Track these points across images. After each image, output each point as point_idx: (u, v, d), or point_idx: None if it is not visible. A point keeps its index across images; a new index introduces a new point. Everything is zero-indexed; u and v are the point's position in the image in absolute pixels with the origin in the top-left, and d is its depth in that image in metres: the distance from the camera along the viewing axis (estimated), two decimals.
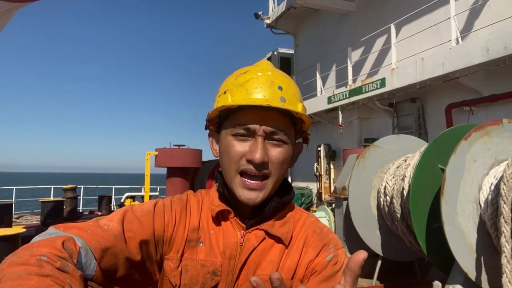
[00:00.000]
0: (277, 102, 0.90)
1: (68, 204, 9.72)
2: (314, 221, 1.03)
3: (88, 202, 14.26)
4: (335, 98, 10.42)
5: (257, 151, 0.89)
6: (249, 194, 0.92)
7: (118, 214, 0.94)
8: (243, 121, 0.91)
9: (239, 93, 0.92)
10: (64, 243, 0.77)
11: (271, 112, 0.91)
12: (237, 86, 0.93)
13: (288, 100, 0.92)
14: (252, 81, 0.92)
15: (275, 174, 0.94)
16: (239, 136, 0.92)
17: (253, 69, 0.96)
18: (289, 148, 0.96)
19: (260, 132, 0.91)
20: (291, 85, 0.96)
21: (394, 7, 9.60)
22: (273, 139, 0.92)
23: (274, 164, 0.93)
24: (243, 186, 0.92)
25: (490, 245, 2.81)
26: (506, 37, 6.02)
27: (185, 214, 1.00)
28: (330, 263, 0.94)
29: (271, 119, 0.91)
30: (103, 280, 0.85)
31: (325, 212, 5.96)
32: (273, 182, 0.94)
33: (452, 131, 3.52)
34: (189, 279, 0.94)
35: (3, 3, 4.38)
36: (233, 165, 0.93)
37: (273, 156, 0.92)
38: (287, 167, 0.97)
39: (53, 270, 0.68)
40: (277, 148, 0.93)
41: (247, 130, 0.91)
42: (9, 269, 0.67)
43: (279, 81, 0.93)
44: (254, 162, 0.90)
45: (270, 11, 14.07)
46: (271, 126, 0.91)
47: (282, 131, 0.92)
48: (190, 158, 6.72)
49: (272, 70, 0.97)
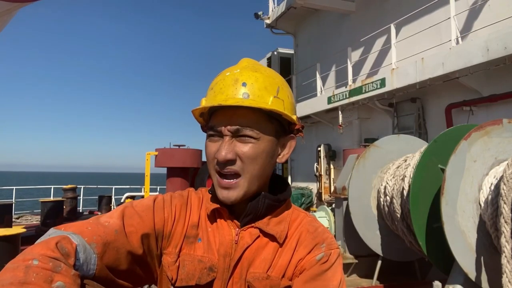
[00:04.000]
0: (237, 100, 0.91)
1: (68, 204, 9.72)
2: (310, 221, 1.02)
3: (88, 202, 14.26)
4: (335, 98, 10.42)
5: (221, 149, 0.91)
6: (224, 193, 0.93)
7: (118, 211, 0.94)
8: (213, 123, 0.95)
9: (209, 96, 0.95)
10: (58, 243, 0.77)
11: (238, 110, 0.92)
12: (209, 89, 0.97)
13: (253, 94, 0.92)
14: (219, 83, 0.94)
15: (247, 171, 0.93)
16: (212, 137, 0.95)
17: (227, 70, 0.98)
18: (262, 143, 0.94)
19: (225, 132, 0.92)
20: (260, 78, 0.94)
21: (394, 7, 9.60)
22: (240, 136, 0.92)
23: (244, 160, 0.92)
24: (219, 185, 0.94)
25: (490, 245, 2.81)
26: (506, 37, 6.02)
27: (185, 210, 1.01)
28: (319, 261, 0.93)
29: (238, 117, 0.92)
30: (106, 276, 0.86)
31: (325, 212, 5.96)
32: (247, 179, 0.93)
33: (452, 131, 3.52)
34: (186, 274, 0.94)
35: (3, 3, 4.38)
36: (210, 165, 0.96)
37: (241, 152, 0.92)
38: (264, 162, 0.95)
39: (36, 277, 0.70)
40: (245, 144, 0.92)
41: (216, 131, 0.93)
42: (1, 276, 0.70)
43: (244, 78, 0.93)
44: (218, 160, 0.91)
45: (270, 11, 14.07)
46: (236, 124, 0.91)
47: (248, 127, 0.92)
48: (190, 158, 6.71)
49: (243, 67, 0.97)
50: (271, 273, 0.94)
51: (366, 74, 10.46)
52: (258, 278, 0.93)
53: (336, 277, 0.93)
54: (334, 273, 0.93)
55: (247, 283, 0.94)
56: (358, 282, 4.61)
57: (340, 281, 0.93)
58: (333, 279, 0.92)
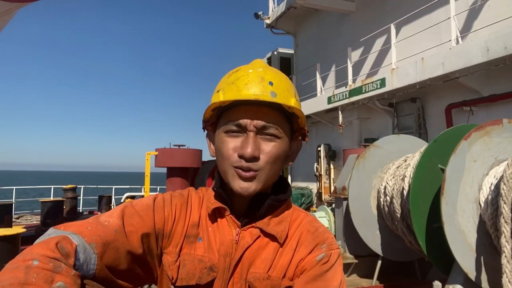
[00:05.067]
0: (267, 96, 0.90)
1: (68, 204, 9.72)
2: (310, 221, 1.02)
3: (88, 202, 14.26)
4: (335, 98, 10.42)
5: (248, 146, 0.90)
6: (243, 184, 0.92)
7: (118, 210, 0.94)
8: (235, 117, 0.92)
9: (230, 90, 0.93)
10: (58, 244, 0.77)
11: (262, 107, 0.92)
12: (228, 84, 0.94)
13: (279, 94, 0.92)
14: (243, 78, 0.93)
15: (268, 169, 0.93)
16: (231, 133, 0.93)
17: (245, 67, 0.97)
18: (283, 143, 0.95)
19: (251, 127, 0.91)
20: (283, 80, 0.96)
21: (394, 7, 9.60)
22: (265, 134, 0.92)
23: (267, 158, 0.92)
24: (237, 176, 0.92)
25: (490, 245, 2.81)
26: (506, 37, 6.02)
27: (185, 210, 1.01)
28: (320, 262, 0.93)
29: (262, 114, 0.92)
30: (106, 276, 0.86)
31: (325, 212, 5.96)
32: (266, 175, 0.93)
33: (452, 131, 3.52)
34: (186, 273, 0.94)
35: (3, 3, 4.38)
36: (226, 160, 0.93)
37: (265, 150, 0.92)
38: (281, 162, 0.96)
39: (37, 278, 0.69)
40: (269, 142, 0.93)
41: (239, 126, 0.92)
42: (1, 276, 0.70)
43: (269, 77, 0.94)
44: (245, 156, 0.90)
45: (270, 11, 14.07)
46: (263, 120, 0.91)
47: (274, 126, 0.92)
48: (190, 158, 6.71)
49: (264, 67, 0.97)
50: (271, 273, 0.94)
51: (366, 74, 10.46)
52: (258, 278, 0.93)
53: (337, 278, 0.93)
54: (335, 274, 0.93)
55: (248, 283, 0.94)
56: (358, 282, 4.61)
57: (341, 282, 0.93)
58: (334, 279, 0.92)
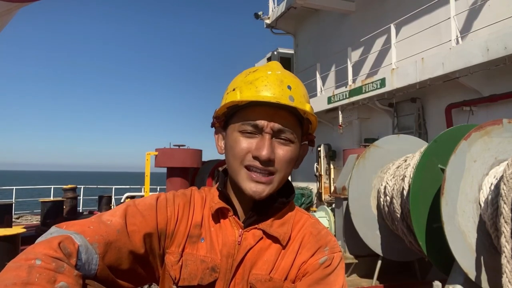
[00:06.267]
0: (286, 100, 0.90)
1: (68, 204, 9.71)
2: (313, 223, 1.02)
3: (88, 202, 14.25)
4: (335, 98, 10.42)
5: (264, 148, 0.89)
6: (256, 186, 0.91)
7: (120, 209, 0.94)
8: (251, 118, 0.91)
9: (248, 90, 0.92)
10: (60, 243, 0.77)
11: (280, 110, 0.92)
12: (246, 83, 0.93)
13: (297, 99, 0.92)
14: (262, 79, 0.92)
15: (281, 172, 0.93)
16: (246, 133, 0.92)
17: (263, 68, 0.97)
18: (296, 147, 0.96)
19: (267, 129, 0.91)
20: (300, 85, 0.97)
21: (394, 7, 9.60)
22: (280, 138, 0.92)
23: (281, 162, 0.92)
24: (250, 179, 0.92)
25: (490, 245, 2.81)
26: (506, 37, 6.02)
27: (188, 209, 1.00)
28: (322, 265, 0.93)
29: (279, 117, 0.91)
30: (107, 276, 0.85)
31: (325, 212, 5.96)
32: (279, 179, 0.94)
33: (452, 131, 3.52)
34: (188, 273, 0.94)
35: (3, 3, 4.38)
36: (238, 159, 0.93)
37: (280, 154, 0.92)
38: (292, 167, 0.97)
39: (40, 278, 0.69)
40: (284, 146, 0.93)
41: (255, 126, 0.91)
42: (2, 275, 0.69)
43: (288, 81, 0.94)
44: (261, 158, 0.89)
45: (270, 11, 14.07)
46: (279, 123, 0.91)
47: (289, 130, 0.92)
48: (190, 158, 6.71)
49: (282, 70, 0.98)
50: (273, 275, 0.94)
51: (366, 74, 10.46)
52: (260, 280, 0.93)
53: (339, 281, 0.93)
54: (337, 277, 0.94)
55: (250, 285, 0.93)
56: (358, 282, 4.61)
57: (343, 286, 0.94)
58: (336, 283, 0.93)
